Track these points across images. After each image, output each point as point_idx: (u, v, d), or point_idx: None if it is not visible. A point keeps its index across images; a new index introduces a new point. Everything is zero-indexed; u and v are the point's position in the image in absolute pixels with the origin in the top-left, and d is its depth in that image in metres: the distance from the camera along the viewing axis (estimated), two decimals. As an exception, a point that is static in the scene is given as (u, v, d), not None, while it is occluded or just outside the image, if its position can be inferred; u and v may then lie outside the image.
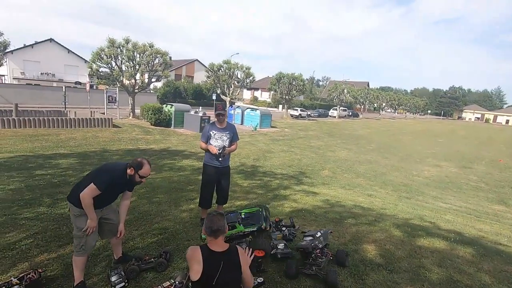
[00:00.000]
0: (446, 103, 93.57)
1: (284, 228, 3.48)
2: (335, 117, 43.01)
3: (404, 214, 5.70)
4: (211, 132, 3.89)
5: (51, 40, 34.22)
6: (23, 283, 2.58)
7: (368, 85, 66.58)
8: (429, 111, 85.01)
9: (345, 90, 42.77)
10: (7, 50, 15.79)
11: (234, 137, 4.04)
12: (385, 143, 23.26)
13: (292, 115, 34.08)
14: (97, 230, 2.73)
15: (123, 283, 2.65)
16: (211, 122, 4.06)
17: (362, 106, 51.36)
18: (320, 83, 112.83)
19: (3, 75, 32.37)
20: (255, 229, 3.16)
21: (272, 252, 3.09)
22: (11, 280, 2.62)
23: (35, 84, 27.56)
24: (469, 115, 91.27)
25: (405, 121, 53.41)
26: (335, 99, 42.61)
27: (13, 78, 30.83)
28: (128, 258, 3.04)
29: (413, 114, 73.59)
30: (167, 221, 4.34)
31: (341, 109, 44.03)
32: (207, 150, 3.92)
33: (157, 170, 8.39)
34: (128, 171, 2.66)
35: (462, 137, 36.12)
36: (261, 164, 11.01)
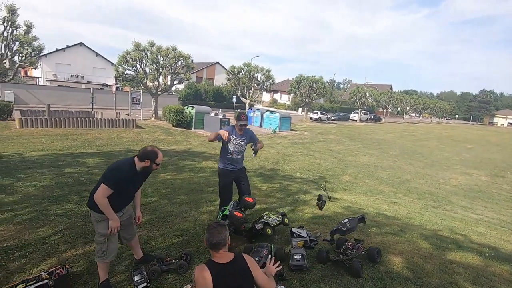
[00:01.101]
0: (476, 107, 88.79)
1: (305, 235, 3.38)
2: (356, 120, 42.02)
3: (431, 224, 5.41)
4: (231, 136, 3.86)
5: (81, 44, 36.02)
6: (52, 278, 2.67)
7: (391, 88, 64.60)
8: (456, 116, 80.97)
9: (367, 93, 41.73)
10: (41, 54, 16.71)
11: (252, 140, 4.01)
12: (409, 148, 22.40)
13: (311, 118, 33.68)
14: (117, 235, 2.75)
15: (145, 284, 2.69)
16: (231, 125, 4.10)
17: (384, 110, 49.82)
18: (341, 85, 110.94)
19: (38, 77, 34.43)
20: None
21: (289, 264, 2.99)
22: (41, 274, 2.73)
23: (65, 86, 29.07)
24: (502, 120, 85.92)
25: (430, 126, 51.23)
26: (357, 102, 41.66)
27: (46, 80, 32.69)
28: (149, 258, 3.08)
29: (439, 118, 70.45)
30: (187, 223, 4.38)
31: (362, 113, 42.96)
32: (212, 140, 3.74)
33: (178, 171, 8.54)
34: (143, 164, 2.60)
35: (494, 143, 34.07)
36: (280, 167, 10.92)
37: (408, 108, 54.94)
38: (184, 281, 2.81)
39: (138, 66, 18.22)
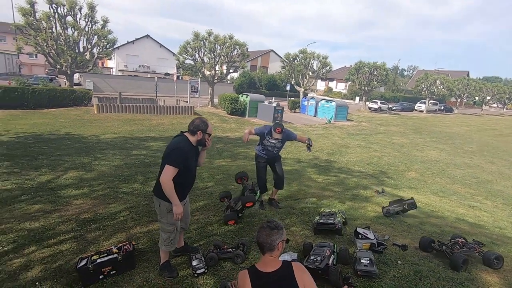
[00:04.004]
0: None
1: (373, 237, 3.02)
2: (422, 111, 37.79)
3: (527, 237, 4.49)
4: (266, 136, 4.17)
5: (147, 36, 38.99)
6: (121, 253, 2.85)
7: (468, 75, 56.27)
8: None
9: (437, 81, 37.01)
10: (115, 46, 18.43)
11: (288, 138, 4.25)
12: (490, 144, 19.33)
13: (370, 108, 31.36)
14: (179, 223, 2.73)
15: (203, 269, 2.69)
16: (271, 127, 4.22)
17: (458, 100, 43.72)
18: (405, 73, 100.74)
19: (112, 68, 38.49)
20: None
21: (354, 268, 2.71)
22: (112, 248, 2.93)
23: (134, 75, 31.94)
24: None
25: (517, 119, 43.56)
26: (424, 91, 37.29)
27: (119, 70, 36.36)
28: (189, 249, 3.04)
29: (530, 110, 59.44)
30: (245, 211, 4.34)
31: (430, 103, 38.41)
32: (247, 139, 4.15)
33: (232, 158, 8.68)
34: (196, 137, 2.60)
35: None
36: (336, 159, 10.36)
37: (488, 98, 47.37)
38: (241, 272, 2.75)
39: (197, 56, 18.95)
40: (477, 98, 47.52)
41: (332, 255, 2.69)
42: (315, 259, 2.55)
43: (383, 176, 8.57)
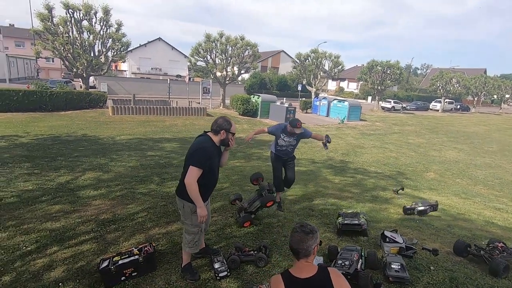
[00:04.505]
0: None
1: (401, 241, 2.88)
2: (438, 110, 36.78)
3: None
4: (281, 135, 4.17)
5: (159, 39, 39.52)
6: (142, 254, 2.82)
7: (485, 72, 54.47)
8: None
9: (453, 79, 35.94)
10: (128, 49, 18.72)
11: (303, 136, 4.24)
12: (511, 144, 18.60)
13: (383, 108, 30.74)
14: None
15: (226, 272, 2.63)
16: (285, 125, 4.25)
17: (475, 98, 42.33)
18: (418, 71, 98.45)
19: (125, 71, 39.19)
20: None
21: (385, 273, 2.58)
22: (133, 249, 2.91)
23: (146, 78, 32.41)
24: None
25: (539, 118, 41.81)
26: (440, 90, 36.29)
27: (132, 73, 36.98)
28: (210, 251, 2.99)
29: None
30: (260, 211, 4.26)
31: (446, 102, 37.35)
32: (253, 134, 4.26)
33: (246, 159, 8.62)
34: (219, 136, 2.54)
35: None
36: (351, 159, 10.15)
37: (507, 96, 45.70)
38: (264, 276, 2.66)
39: (209, 57, 19.03)
40: (495, 96, 45.92)
41: (360, 260, 2.58)
42: (343, 264, 2.44)
43: (401, 177, 8.33)
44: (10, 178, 5.36)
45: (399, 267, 2.50)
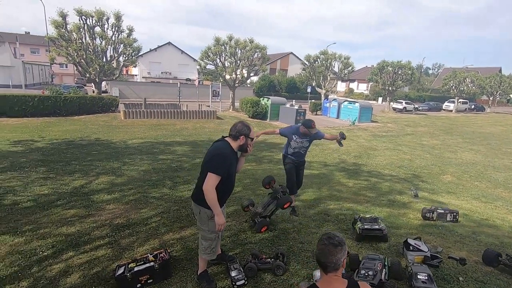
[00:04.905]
0: None
1: (426, 249, 2.74)
2: (451, 111, 35.92)
3: None
4: (293, 136, 4.17)
5: (169, 43, 40.02)
6: (157, 261, 2.78)
7: (500, 71, 52.91)
8: None
9: (467, 79, 35.05)
10: (139, 54, 18.99)
11: (316, 137, 4.25)
12: (530, 145, 17.92)
13: (395, 109, 30.23)
14: None
15: (243, 281, 2.56)
16: (297, 127, 4.27)
17: (491, 98, 41.15)
18: (430, 71, 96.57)
19: (136, 75, 39.82)
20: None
21: (411, 284, 2.44)
22: (148, 256, 2.87)
23: (157, 82, 32.81)
24: None
25: (559, 117, 40.28)
26: (453, 90, 35.44)
27: (142, 77, 37.52)
28: (226, 257, 2.92)
29: None
30: (274, 216, 4.18)
31: (460, 102, 36.44)
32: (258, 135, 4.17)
33: (257, 162, 8.55)
34: (239, 141, 2.48)
35: None
36: (364, 162, 9.95)
37: (525, 95, 44.26)
38: (282, 284, 2.58)
39: (218, 60, 19.11)
40: (511, 95, 44.52)
41: (384, 269, 2.46)
42: (366, 274, 2.33)
43: (417, 180, 8.10)
44: (27, 182, 5.45)
45: (426, 277, 2.37)
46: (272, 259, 2.81)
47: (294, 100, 22.79)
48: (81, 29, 15.20)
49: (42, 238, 3.50)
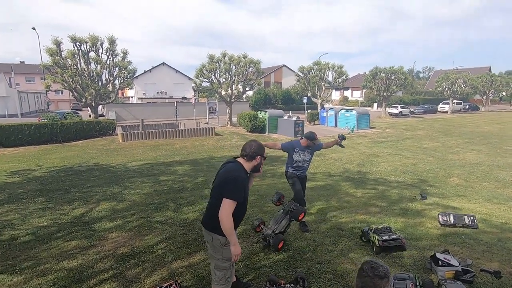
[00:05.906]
0: None
1: (457, 263, 2.56)
2: (446, 112, 36.23)
3: None
4: (295, 149, 4.22)
5: (163, 63, 40.50)
6: (167, 294, 2.58)
7: (489, 70, 53.89)
8: None
9: (459, 80, 35.57)
10: (134, 76, 19.07)
11: (317, 148, 4.35)
12: (530, 141, 17.91)
13: (391, 114, 30.41)
14: None
15: (263, 311, 2.36)
16: (297, 141, 4.30)
17: (484, 97, 41.67)
18: (421, 75, 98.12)
19: (132, 97, 40.01)
20: None
21: None
22: (157, 289, 2.67)
23: (153, 102, 32.92)
24: None
25: (553, 112, 40.68)
26: (446, 91, 35.88)
27: (138, 99, 37.68)
28: (241, 285, 2.74)
29: None
30: (287, 235, 3.99)
31: (454, 102, 36.82)
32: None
33: (260, 177, 8.37)
34: (254, 162, 2.37)
35: None
36: (368, 170, 9.80)
37: (516, 92, 44.82)
38: (306, 312, 2.38)
39: (213, 77, 19.24)
40: (503, 93, 45.09)
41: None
42: (398, 296, 2.15)
43: (424, 184, 7.94)
44: (25, 214, 5.23)
45: None
46: (292, 285, 2.61)
47: (290, 112, 22.83)
48: (75, 55, 15.29)
49: (42, 275, 3.28)
